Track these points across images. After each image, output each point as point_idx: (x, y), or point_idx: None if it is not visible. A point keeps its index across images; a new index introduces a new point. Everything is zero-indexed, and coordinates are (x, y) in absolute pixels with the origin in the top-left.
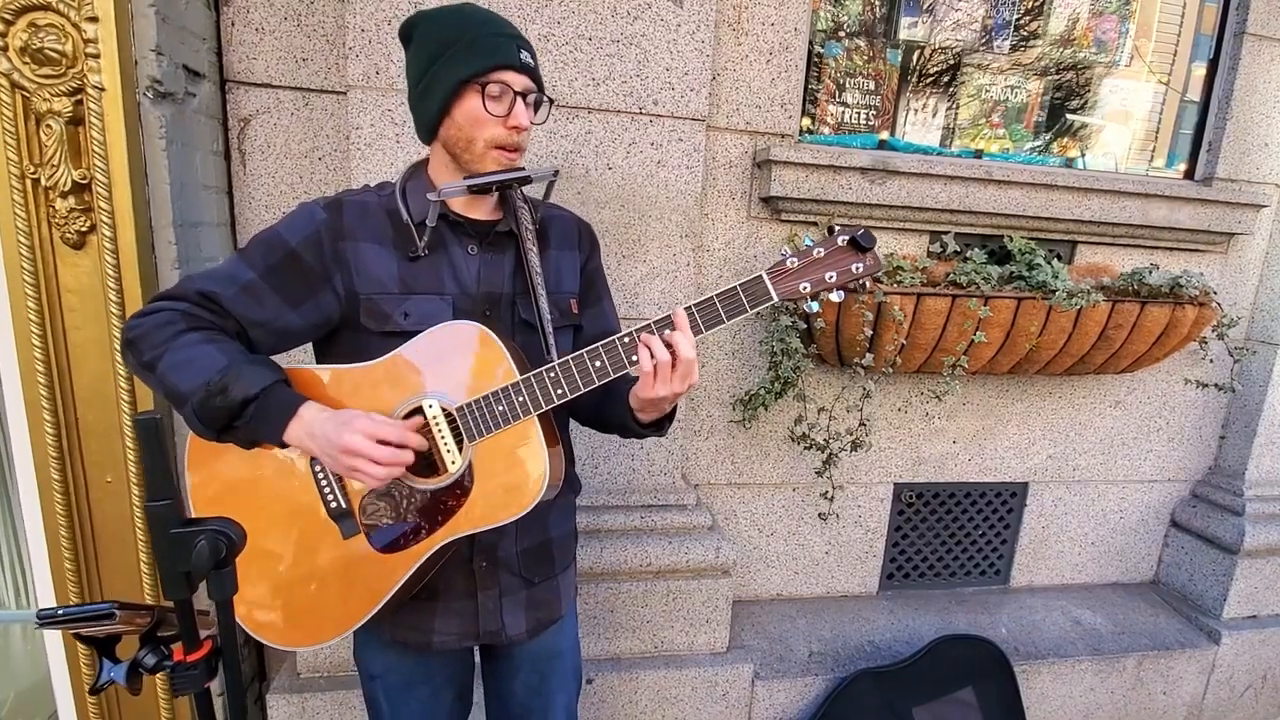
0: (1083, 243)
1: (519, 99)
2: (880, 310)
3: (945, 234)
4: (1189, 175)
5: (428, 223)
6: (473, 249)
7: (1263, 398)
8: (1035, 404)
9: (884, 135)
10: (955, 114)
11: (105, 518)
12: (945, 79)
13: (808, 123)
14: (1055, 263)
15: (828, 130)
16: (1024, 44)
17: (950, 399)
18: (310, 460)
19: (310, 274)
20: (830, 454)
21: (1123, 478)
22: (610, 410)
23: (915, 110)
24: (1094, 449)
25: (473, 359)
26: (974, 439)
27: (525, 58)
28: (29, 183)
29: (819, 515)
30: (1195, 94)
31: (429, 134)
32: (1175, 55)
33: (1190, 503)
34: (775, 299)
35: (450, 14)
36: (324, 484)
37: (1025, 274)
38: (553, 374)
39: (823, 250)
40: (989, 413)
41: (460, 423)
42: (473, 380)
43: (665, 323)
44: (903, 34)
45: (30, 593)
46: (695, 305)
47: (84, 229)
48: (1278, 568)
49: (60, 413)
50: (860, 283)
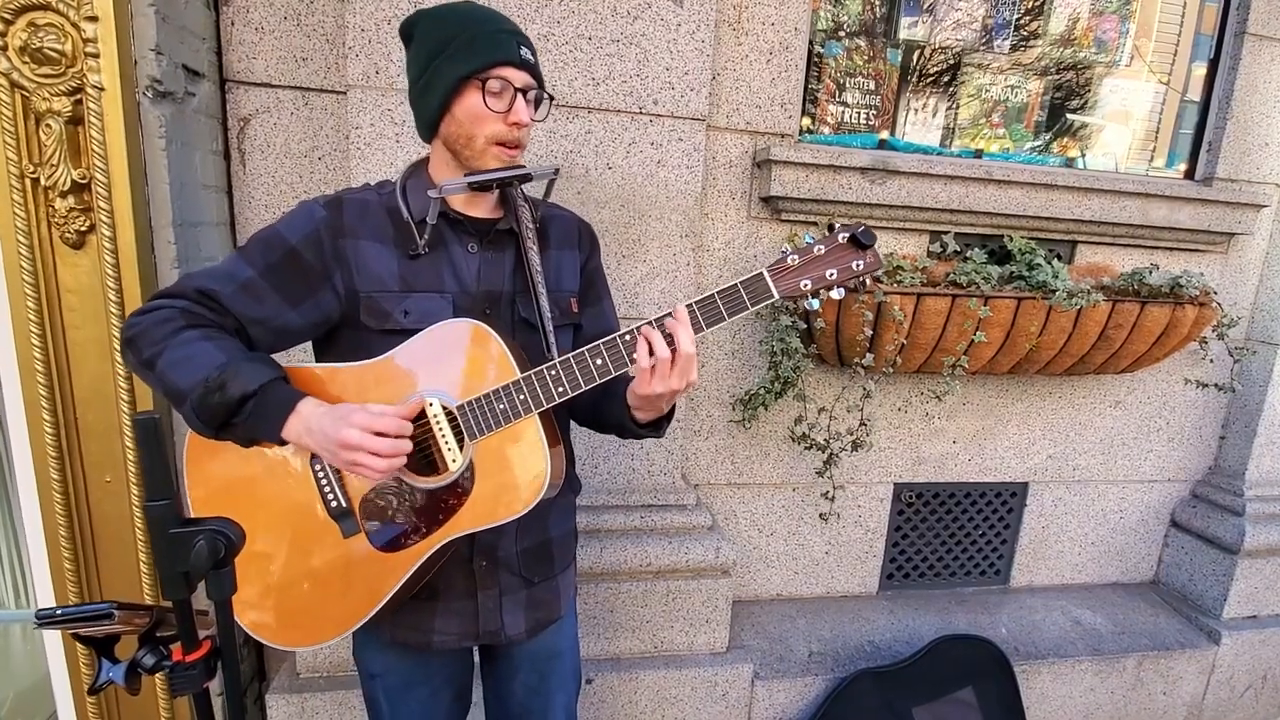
0: (1083, 243)
1: (519, 95)
2: (880, 310)
3: (945, 234)
4: (1189, 175)
5: (428, 220)
6: (473, 247)
7: (1263, 398)
8: (1035, 404)
9: (884, 135)
10: (955, 114)
11: (104, 518)
12: (945, 79)
13: (808, 122)
14: (1055, 263)
15: (828, 130)
16: (1024, 44)
17: (950, 399)
18: (310, 459)
19: (310, 272)
20: (831, 454)
21: (1123, 478)
22: (608, 409)
23: (915, 110)
24: (1094, 449)
25: (473, 357)
26: (974, 439)
27: (525, 54)
28: (28, 182)
29: (820, 515)
30: (1195, 94)
31: (429, 131)
32: (1175, 55)
33: (1190, 503)
34: (776, 296)
35: (451, 11)
36: (324, 483)
37: (1025, 274)
38: (554, 372)
39: (823, 248)
40: (989, 413)
41: (461, 421)
42: (473, 378)
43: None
44: (903, 34)
45: (30, 593)
46: (696, 302)
47: (83, 229)
48: (1278, 568)
49: (60, 412)
50: (861, 281)
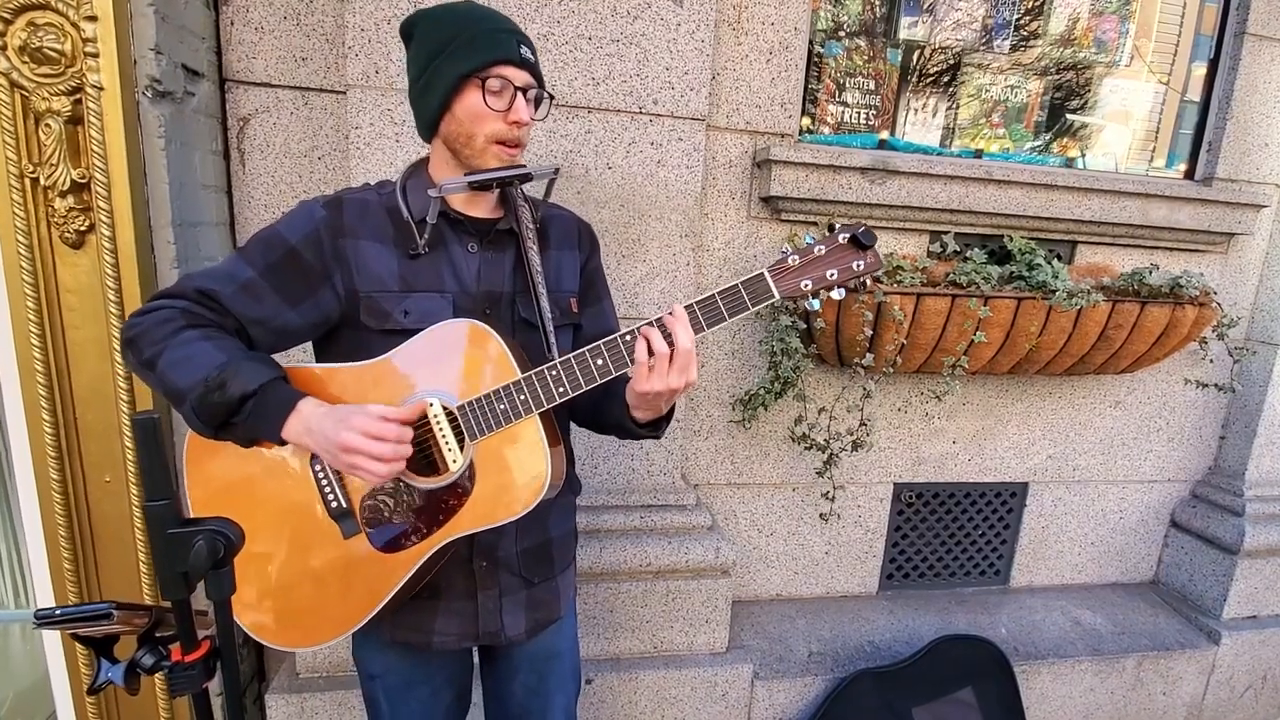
0: (1083, 243)
1: (519, 94)
2: (880, 310)
3: (945, 234)
4: (1189, 175)
5: (428, 219)
6: (473, 247)
7: (1263, 398)
8: (1035, 404)
9: (884, 135)
10: (955, 114)
11: (104, 518)
12: (945, 79)
13: (808, 122)
14: (1055, 263)
15: (828, 130)
16: (1024, 44)
17: (950, 399)
18: (310, 459)
19: (310, 272)
20: (831, 454)
21: (1123, 478)
22: (608, 409)
23: (915, 110)
24: (1094, 449)
25: (473, 357)
26: (974, 439)
27: (525, 53)
28: (28, 182)
29: (820, 516)
30: (1195, 94)
31: (429, 130)
32: (1175, 55)
33: (1190, 503)
34: (777, 297)
35: (451, 11)
36: (324, 483)
37: (1025, 274)
38: (554, 372)
39: (824, 248)
40: (989, 413)
41: (461, 421)
42: (473, 379)
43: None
44: (903, 33)
45: (29, 593)
46: (697, 302)
47: (83, 228)
48: (1278, 568)
49: (59, 412)
50: (861, 281)
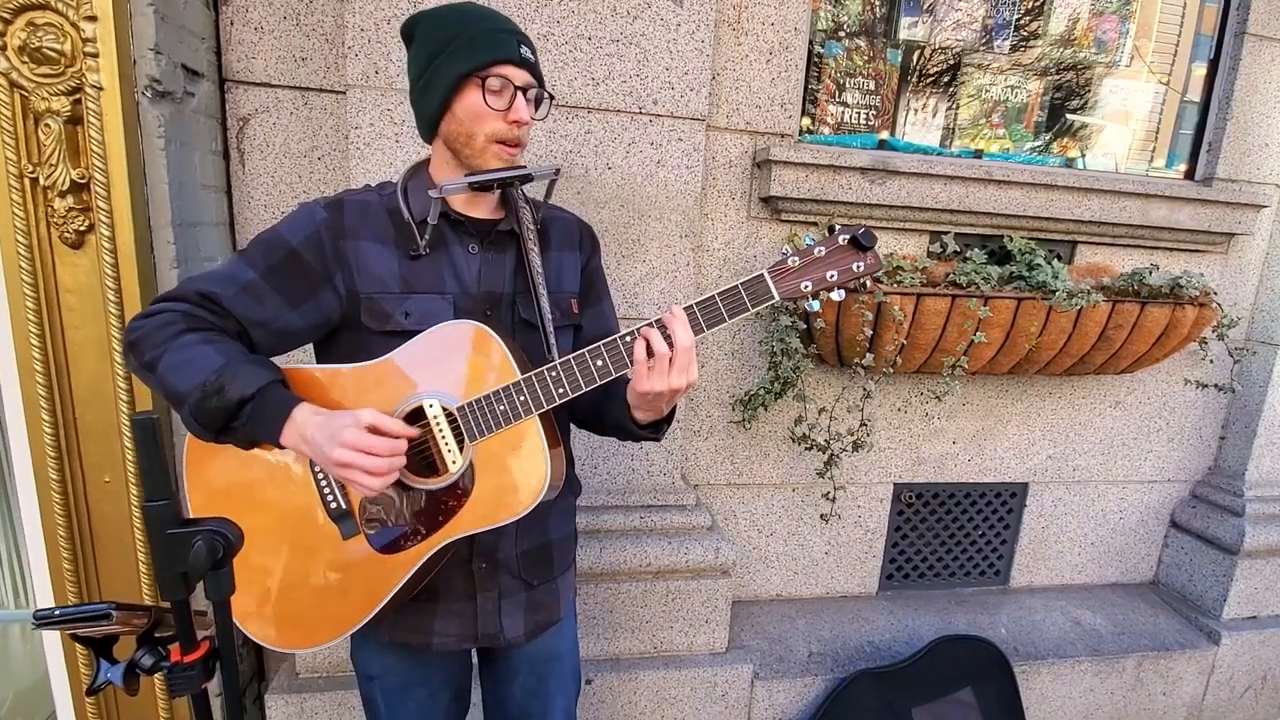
0: (1083, 243)
1: (519, 94)
2: (880, 310)
3: (945, 234)
4: (1189, 175)
5: (429, 220)
6: (474, 248)
7: (1263, 398)
8: (1035, 404)
9: (884, 135)
10: (955, 114)
11: (104, 518)
12: (945, 79)
13: (808, 123)
14: (1055, 263)
15: (828, 130)
16: (1024, 44)
17: (950, 399)
18: (310, 460)
19: (311, 273)
20: (831, 455)
21: (1123, 478)
22: (608, 410)
23: (915, 110)
24: (1094, 449)
25: (473, 358)
26: (974, 439)
27: (525, 53)
28: (27, 182)
29: (820, 516)
30: (1195, 94)
31: (430, 130)
32: (1175, 55)
33: (1190, 503)
34: (777, 298)
35: (451, 11)
36: (323, 484)
37: (1025, 274)
38: (554, 373)
39: (824, 249)
40: (989, 413)
41: (461, 422)
42: (473, 379)
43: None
44: (903, 34)
45: (29, 593)
46: (697, 303)
47: (82, 228)
48: (1278, 568)
49: (59, 412)
50: (861, 282)
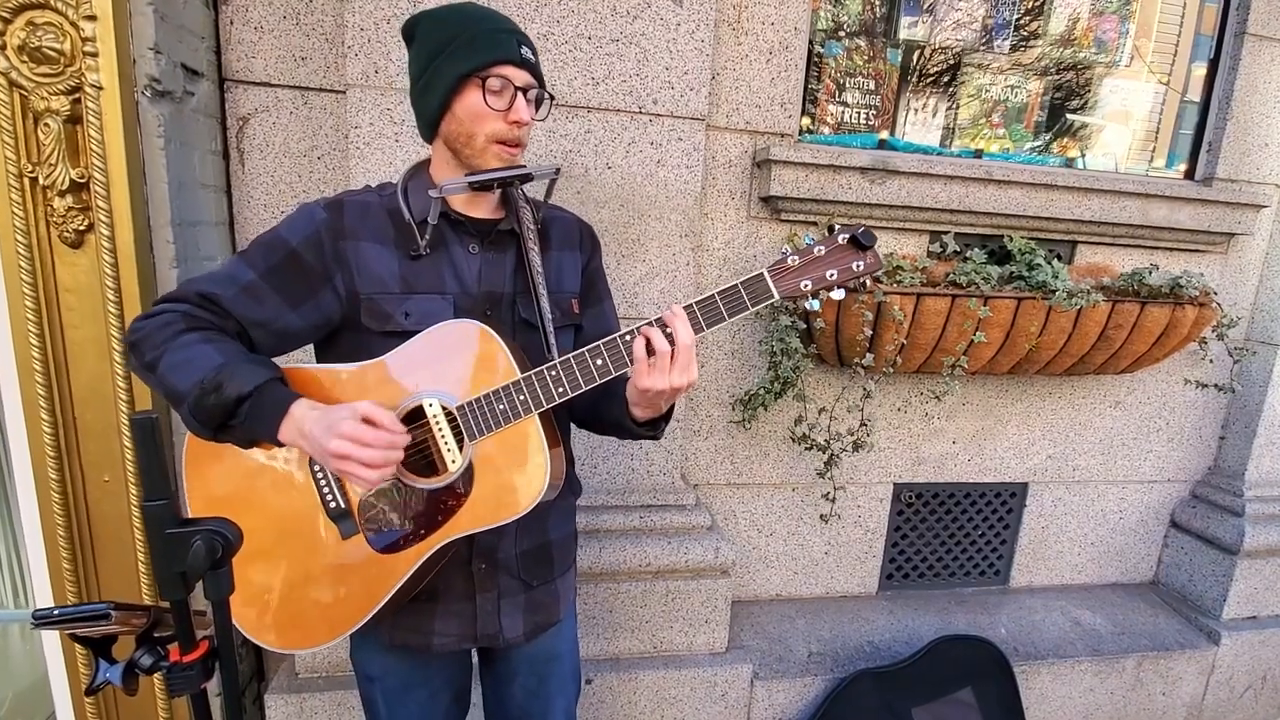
0: (1083, 243)
1: (519, 94)
2: (880, 310)
3: (945, 234)
4: (1189, 175)
5: (429, 220)
6: (474, 248)
7: (1263, 398)
8: (1035, 404)
9: (884, 135)
10: (955, 114)
11: (103, 517)
12: (945, 79)
13: (807, 122)
14: (1055, 263)
15: (827, 130)
16: (1024, 44)
17: (950, 399)
18: (309, 459)
19: (311, 274)
20: (831, 455)
21: (1122, 478)
22: (607, 409)
23: (915, 110)
24: (1094, 449)
25: (473, 358)
26: (974, 439)
27: (526, 53)
28: (27, 181)
29: (820, 516)
30: (1195, 94)
31: (430, 130)
32: (1175, 55)
33: (1190, 503)
34: (777, 297)
35: (451, 11)
36: (323, 484)
37: (1025, 274)
38: (554, 372)
39: (824, 249)
40: (989, 413)
41: (461, 421)
42: (473, 379)
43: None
44: (903, 33)
45: (28, 593)
46: (697, 302)
47: (82, 228)
48: (1278, 568)
49: (58, 412)
50: (861, 281)
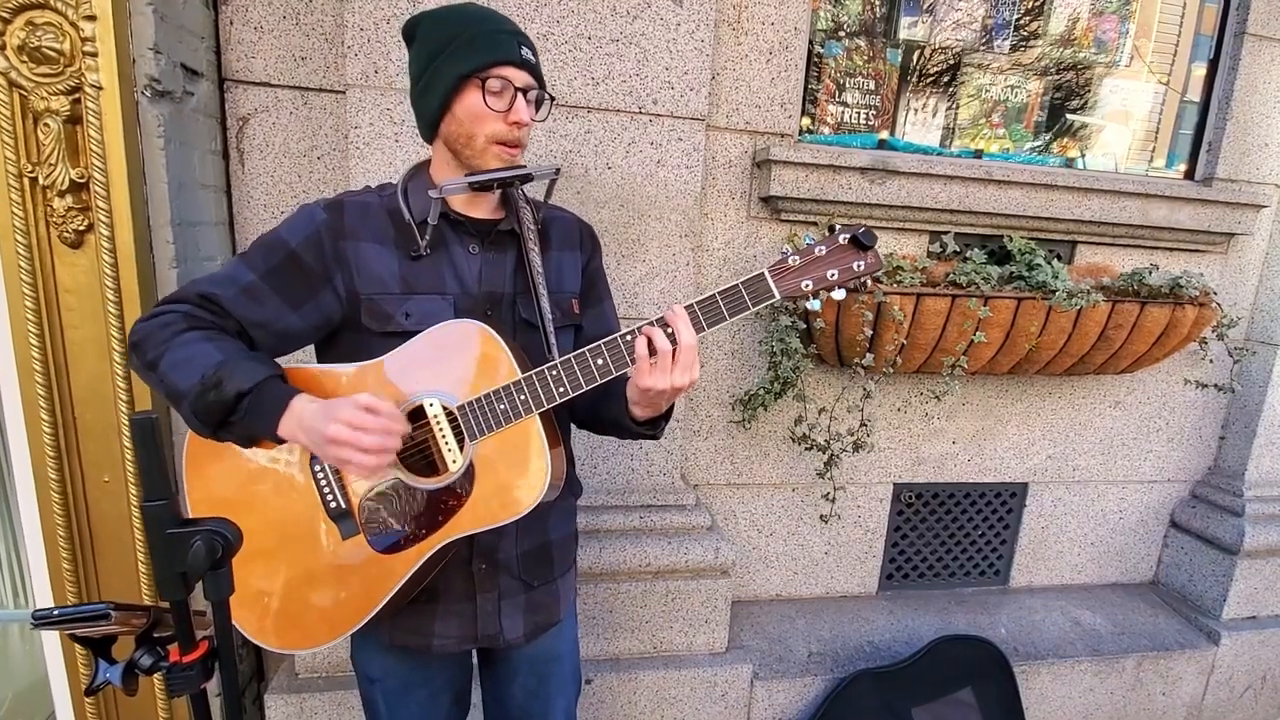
0: (1083, 243)
1: (519, 95)
2: (880, 310)
3: (945, 234)
4: (1189, 175)
5: (429, 220)
6: (474, 248)
7: (1262, 398)
8: (1035, 404)
9: (884, 135)
10: (955, 114)
11: (103, 517)
12: (945, 79)
13: (807, 122)
14: (1055, 263)
15: (827, 130)
16: (1024, 44)
17: (950, 399)
18: (310, 459)
19: (311, 274)
20: (831, 455)
21: (1122, 478)
22: (606, 408)
23: (915, 110)
24: (1094, 449)
25: (474, 358)
26: (974, 439)
27: (526, 54)
28: (26, 181)
29: (820, 516)
30: (1195, 94)
31: (430, 130)
32: (1175, 55)
33: (1190, 503)
34: (777, 297)
35: (452, 12)
36: (323, 483)
37: (1025, 274)
38: (554, 372)
39: (824, 249)
40: (989, 413)
41: (461, 421)
42: (474, 379)
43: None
44: (903, 34)
45: (28, 593)
46: (697, 302)
47: (82, 228)
48: (1277, 568)
49: (58, 412)
50: (861, 281)
